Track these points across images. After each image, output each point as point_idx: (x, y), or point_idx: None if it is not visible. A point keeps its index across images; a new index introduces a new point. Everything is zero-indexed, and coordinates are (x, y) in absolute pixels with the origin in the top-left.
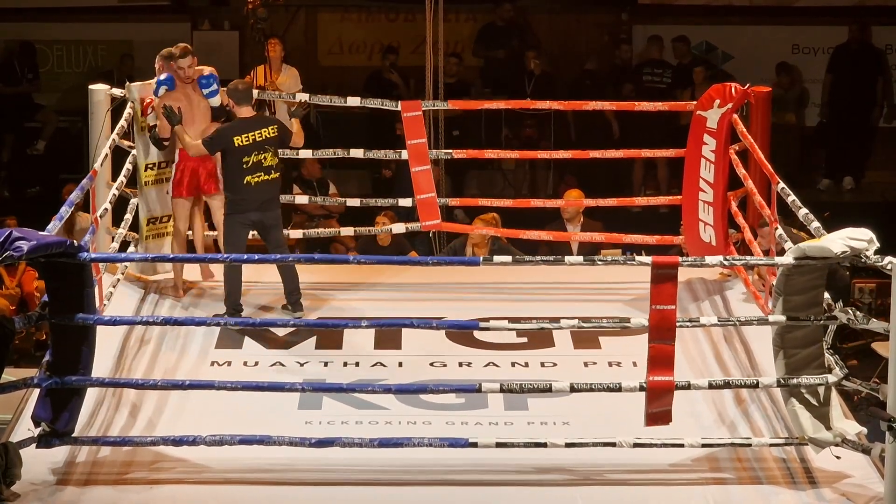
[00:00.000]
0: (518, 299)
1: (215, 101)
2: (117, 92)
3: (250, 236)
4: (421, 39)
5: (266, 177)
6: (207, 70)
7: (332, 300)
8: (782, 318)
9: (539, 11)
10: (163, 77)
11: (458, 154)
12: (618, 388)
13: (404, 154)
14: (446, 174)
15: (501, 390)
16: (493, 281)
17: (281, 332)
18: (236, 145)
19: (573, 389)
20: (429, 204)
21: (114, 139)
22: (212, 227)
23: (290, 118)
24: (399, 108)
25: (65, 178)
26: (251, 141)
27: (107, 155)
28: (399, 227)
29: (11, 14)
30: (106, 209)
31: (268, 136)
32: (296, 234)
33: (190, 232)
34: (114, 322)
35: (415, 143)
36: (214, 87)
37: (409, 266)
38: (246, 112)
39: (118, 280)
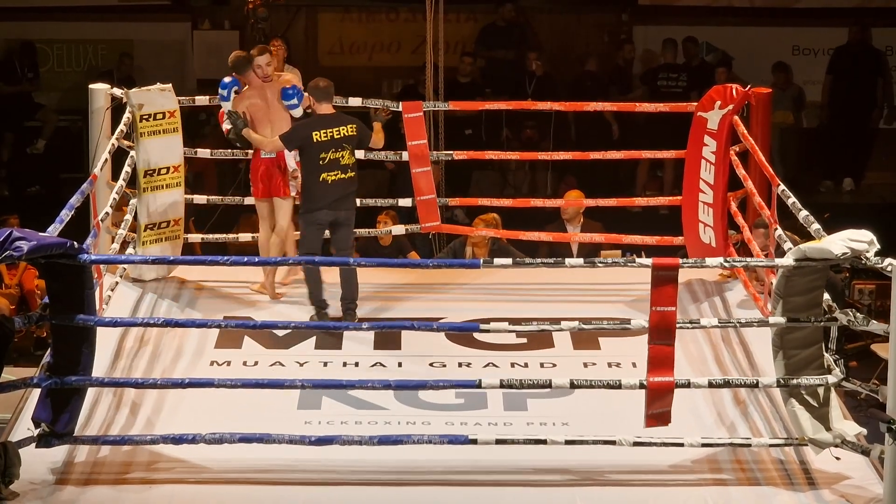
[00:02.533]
0: (518, 300)
1: (296, 112)
2: (117, 92)
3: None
4: (421, 39)
5: (342, 175)
6: (291, 82)
7: (331, 301)
8: (782, 319)
9: (539, 12)
10: (226, 81)
11: (459, 155)
12: (617, 386)
13: (405, 155)
14: (447, 174)
15: (501, 386)
16: (492, 281)
17: (280, 331)
18: (314, 141)
19: (573, 386)
20: (429, 205)
21: (114, 143)
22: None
23: (373, 122)
24: (400, 109)
25: (65, 178)
26: (329, 138)
27: (107, 160)
28: (399, 229)
29: (12, 13)
30: (107, 213)
31: (346, 134)
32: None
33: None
34: (114, 323)
35: (415, 144)
36: (295, 101)
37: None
38: (326, 109)
39: (117, 282)
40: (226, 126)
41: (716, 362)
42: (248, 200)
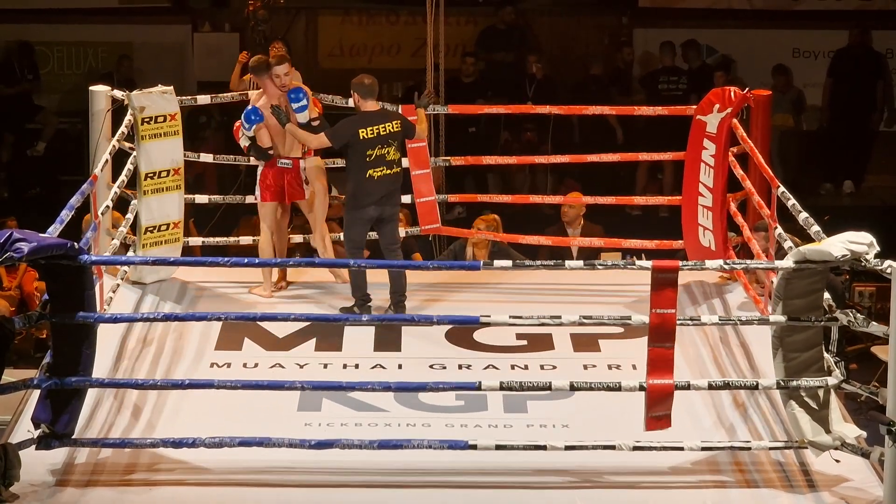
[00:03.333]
0: (517, 302)
1: (303, 116)
2: (118, 94)
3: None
4: (422, 42)
5: (388, 171)
6: (297, 84)
7: (331, 301)
8: (782, 318)
9: (540, 14)
10: (248, 112)
11: (457, 161)
12: (617, 388)
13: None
14: (447, 175)
15: (501, 388)
16: (492, 283)
17: (280, 333)
18: (361, 138)
19: (573, 388)
20: (429, 207)
21: (114, 145)
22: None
23: (416, 108)
24: (400, 112)
25: (64, 180)
26: (375, 134)
27: (107, 160)
28: (400, 231)
29: (12, 15)
30: (108, 206)
31: (392, 130)
32: (296, 237)
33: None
34: (114, 319)
35: (415, 146)
36: (304, 102)
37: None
38: (371, 106)
39: (118, 285)
40: (243, 143)
41: (715, 364)
42: (249, 200)
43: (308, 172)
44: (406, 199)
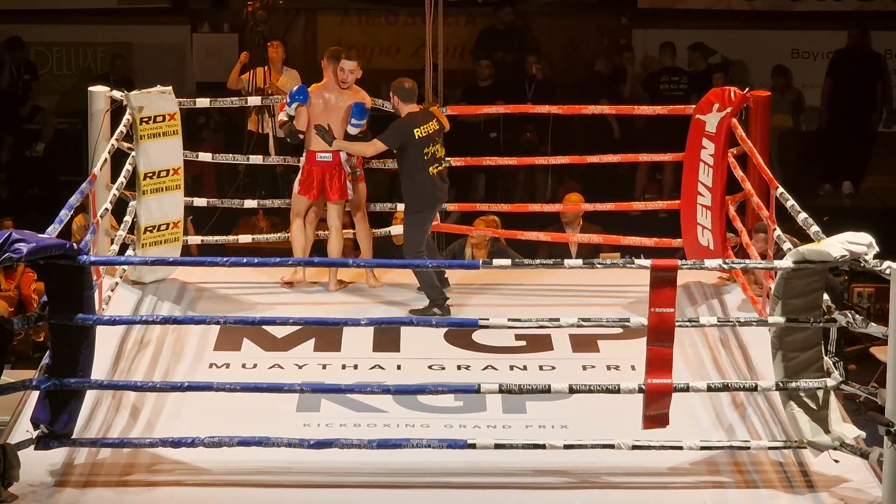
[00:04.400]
0: (517, 302)
1: (352, 130)
2: (117, 94)
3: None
4: (420, 43)
5: (441, 167)
6: (368, 101)
7: (331, 300)
8: (781, 319)
9: (539, 15)
10: (295, 91)
11: (457, 162)
12: (616, 390)
13: None
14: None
15: (500, 391)
16: (492, 282)
17: (279, 333)
18: (417, 137)
19: (572, 390)
20: None
21: (113, 144)
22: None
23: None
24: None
25: (64, 180)
26: (427, 133)
27: (106, 160)
28: (397, 230)
29: (10, 16)
30: (106, 209)
31: (436, 128)
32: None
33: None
34: (113, 322)
35: None
36: (363, 123)
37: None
38: (413, 108)
39: (116, 284)
40: (281, 117)
41: (714, 365)
42: (248, 203)
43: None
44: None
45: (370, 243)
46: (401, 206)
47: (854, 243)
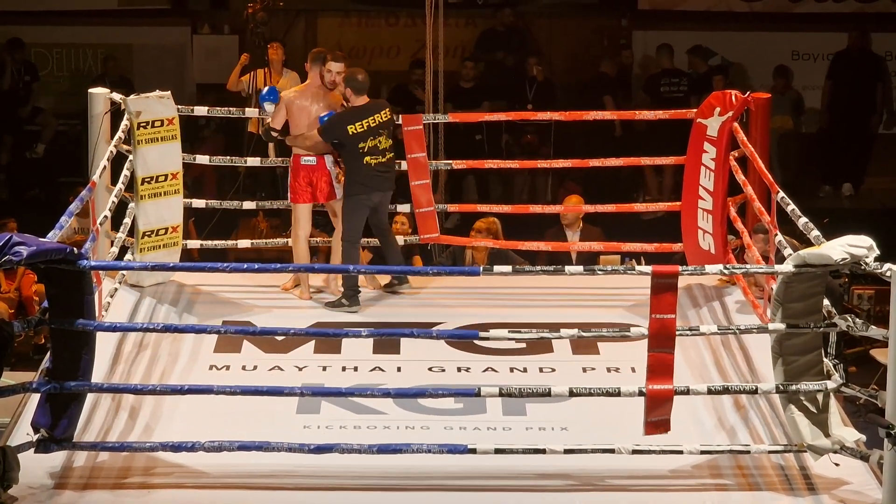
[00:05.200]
0: (517, 305)
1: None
2: (116, 97)
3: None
4: (421, 44)
5: (381, 159)
6: (339, 100)
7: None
8: (782, 326)
9: (539, 17)
10: (265, 92)
11: (458, 164)
12: (616, 393)
13: (403, 165)
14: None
15: (500, 394)
16: (492, 286)
17: (279, 335)
18: (350, 133)
19: (572, 394)
20: (427, 217)
21: (112, 151)
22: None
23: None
24: (400, 122)
25: (64, 182)
26: (366, 127)
27: (105, 166)
28: (398, 240)
29: (11, 17)
30: (106, 216)
31: (381, 120)
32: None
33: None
34: (114, 328)
35: (414, 157)
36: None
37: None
38: (363, 100)
39: (116, 288)
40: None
41: (716, 367)
42: (248, 205)
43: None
44: (405, 208)
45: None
46: (402, 209)
47: (854, 246)
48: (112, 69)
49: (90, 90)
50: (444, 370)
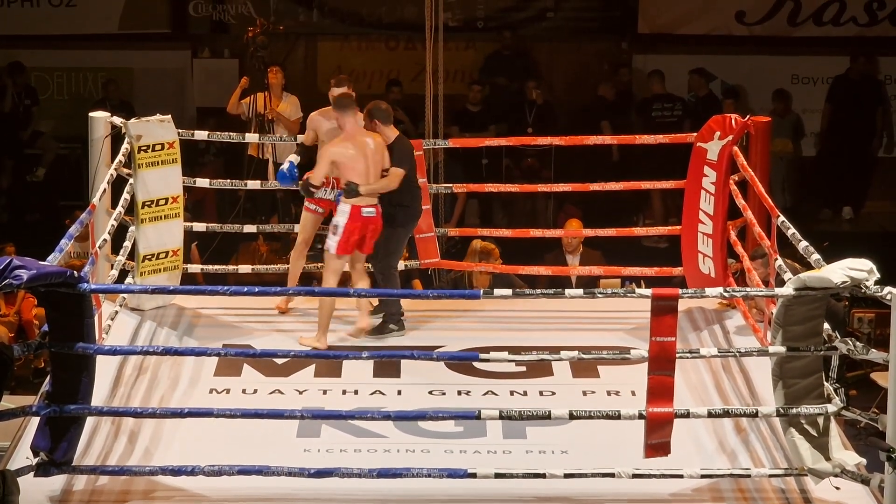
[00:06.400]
0: (518, 328)
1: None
2: (117, 121)
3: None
4: (421, 68)
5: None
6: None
7: (333, 328)
8: (782, 349)
9: (539, 41)
10: (285, 170)
11: (458, 189)
12: (617, 416)
13: None
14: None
15: (500, 417)
16: (493, 309)
17: (280, 359)
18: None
19: (572, 416)
20: (428, 242)
21: (112, 174)
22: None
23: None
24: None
25: (64, 205)
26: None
27: (105, 190)
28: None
29: (12, 41)
30: (105, 240)
31: None
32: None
33: None
34: (114, 351)
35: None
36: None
37: None
38: (393, 131)
39: (116, 312)
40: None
41: (716, 390)
42: (248, 228)
43: None
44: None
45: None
46: None
47: (855, 269)
48: (113, 93)
49: (90, 114)
50: (444, 393)
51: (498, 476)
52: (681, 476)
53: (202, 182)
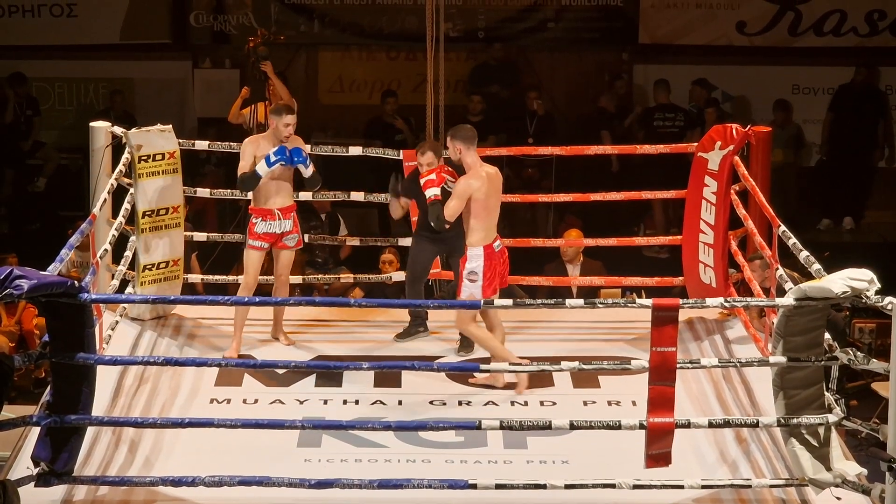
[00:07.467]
0: (519, 339)
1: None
2: (118, 130)
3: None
4: (421, 78)
5: None
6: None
7: (333, 337)
8: (783, 359)
9: (540, 50)
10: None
11: None
12: (617, 426)
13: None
14: None
15: (501, 427)
16: None
17: (280, 369)
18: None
19: (573, 427)
20: None
21: (112, 184)
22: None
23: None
24: (401, 158)
25: (65, 216)
26: None
27: (105, 199)
28: (399, 276)
29: (13, 51)
30: (106, 250)
31: None
32: (308, 278)
33: None
34: (115, 362)
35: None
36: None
37: None
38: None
39: (117, 322)
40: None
41: (717, 400)
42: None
43: None
44: (406, 241)
45: None
46: (404, 242)
47: (855, 279)
48: (118, 103)
49: (91, 124)
50: (444, 403)
51: (498, 487)
52: (682, 486)
53: (203, 192)
